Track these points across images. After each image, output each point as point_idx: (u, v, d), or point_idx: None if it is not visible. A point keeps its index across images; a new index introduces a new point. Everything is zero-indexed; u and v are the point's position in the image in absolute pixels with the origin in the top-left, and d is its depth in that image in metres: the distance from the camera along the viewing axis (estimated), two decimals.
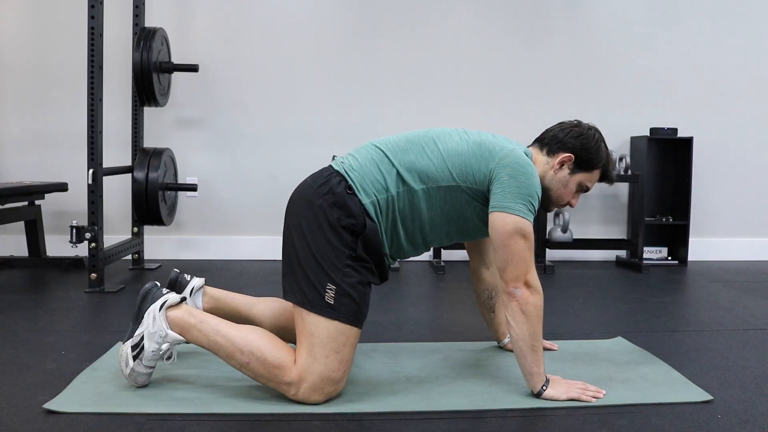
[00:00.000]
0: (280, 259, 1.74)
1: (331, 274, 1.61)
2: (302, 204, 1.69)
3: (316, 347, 1.59)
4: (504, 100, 4.03)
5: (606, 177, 1.85)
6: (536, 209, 1.69)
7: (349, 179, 1.68)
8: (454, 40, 4.00)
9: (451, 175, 1.70)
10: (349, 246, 1.63)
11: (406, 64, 3.98)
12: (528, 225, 1.64)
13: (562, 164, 1.79)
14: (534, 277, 1.66)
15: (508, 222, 1.63)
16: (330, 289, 1.61)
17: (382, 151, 1.73)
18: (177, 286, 1.92)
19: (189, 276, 1.95)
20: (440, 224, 1.75)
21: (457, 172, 1.70)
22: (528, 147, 1.85)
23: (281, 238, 1.73)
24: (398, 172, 1.69)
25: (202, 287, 1.94)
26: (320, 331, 1.60)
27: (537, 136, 1.88)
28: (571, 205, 1.85)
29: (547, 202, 1.83)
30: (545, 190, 1.79)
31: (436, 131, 1.78)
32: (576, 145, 1.78)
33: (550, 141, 1.82)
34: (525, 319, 1.64)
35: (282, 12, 3.92)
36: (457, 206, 1.73)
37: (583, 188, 1.83)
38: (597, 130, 1.82)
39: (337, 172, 1.70)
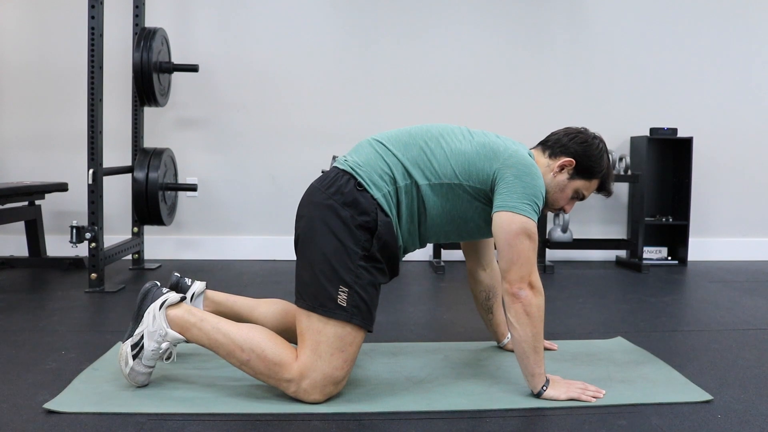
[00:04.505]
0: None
1: (343, 275, 1.61)
2: (312, 207, 1.68)
3: (322, 345, 1.59)
4: (503, 100, 4.03)
5: (604, 188, 1.85)
6: (540, 210, 1.69)
7: (357, 176, 1.68)
8: (454, 38, 4.00)
9: (454, 173, 1.70)
10: (362, 245, 1.63)
11: (406, 64, 3.98)
12: (533, 225, 1.65)
13: (562, 168, 1.79)
14: (537, 277, 1.66)
15: (515, 222, 1.63)
16: (342, 291, 1.60)
17: (385, 146, 1.74)
18: (178, 290, 1.92)
19: (190, 280, 1.95)
20: (440, 222, 1.75)
21: (460, 171, 1.70)
22: (531, 149, 1.85)
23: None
24: (404, 166, 1.70)
25: (203, 292, 1.94)
26: (328, 331, 1.60)
27: (541, 138, 1.89)
28: (564, 211, 1.86)
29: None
30: None
31: (439, 127, 1.78)
32: (579, 150, 1.78)
33: (553, 144, 1.82)
34: (529, 320, 1.63)
35: (282, 12, 3.92)
36: (458, 205, 1.73)
37: (578, 195, 1.83)
38: (602, 140, 1.83)
39: (344, 171, 1.70)
